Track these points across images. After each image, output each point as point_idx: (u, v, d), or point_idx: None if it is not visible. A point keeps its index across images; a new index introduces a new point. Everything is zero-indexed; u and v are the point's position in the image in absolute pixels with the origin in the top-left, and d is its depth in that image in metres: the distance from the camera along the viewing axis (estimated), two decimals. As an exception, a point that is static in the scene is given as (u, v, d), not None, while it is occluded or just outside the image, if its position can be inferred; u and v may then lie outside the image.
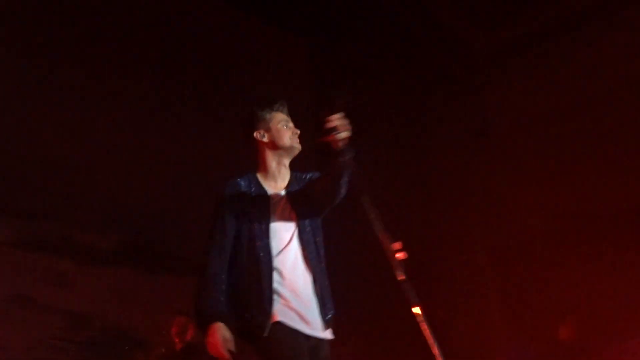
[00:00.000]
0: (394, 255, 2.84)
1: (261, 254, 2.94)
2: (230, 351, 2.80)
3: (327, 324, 2.99)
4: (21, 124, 5.92)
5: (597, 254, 6.27)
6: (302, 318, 2.90)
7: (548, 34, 6.86)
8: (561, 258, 6.45)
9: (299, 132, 3.18)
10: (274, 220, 3.02)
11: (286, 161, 3.18)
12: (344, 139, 2.83)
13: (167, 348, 5.74)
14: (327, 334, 2.99)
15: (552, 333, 6.43)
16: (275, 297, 2.88)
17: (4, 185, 5.71)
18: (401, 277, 2.72)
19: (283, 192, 3.12)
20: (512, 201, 6.84)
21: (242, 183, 3.09)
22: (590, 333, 6.18)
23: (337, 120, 2.84)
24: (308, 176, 3.22)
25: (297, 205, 3.09)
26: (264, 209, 3.04)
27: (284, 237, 3.02)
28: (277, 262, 2.95)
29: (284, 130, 3.14)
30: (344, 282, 3.56)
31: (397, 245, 2.86)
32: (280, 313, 2.86)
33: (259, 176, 3.15)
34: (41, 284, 5.78)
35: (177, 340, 5.59)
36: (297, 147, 3.16)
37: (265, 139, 3.14)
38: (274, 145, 3.13)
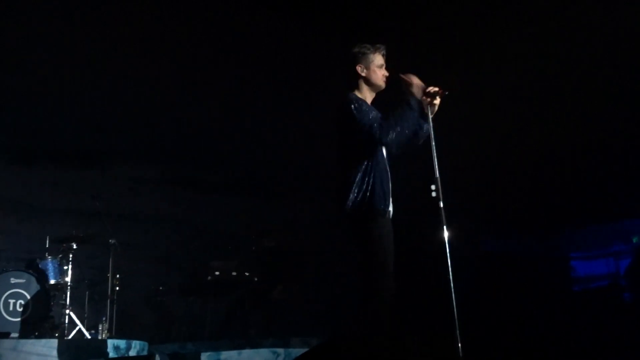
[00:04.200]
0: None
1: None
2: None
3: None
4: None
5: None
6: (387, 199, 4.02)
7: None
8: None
9: (387, 74, 4.16)
10: None
11: (374, 93, 4.19)
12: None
13: None
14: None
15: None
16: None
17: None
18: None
19: None
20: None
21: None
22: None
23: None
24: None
25: None
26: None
27: None
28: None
29: (379, 71, 4.13)
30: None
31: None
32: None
33: (360, 95, 4.13)
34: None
35: None
36: (383, 86, 4.15)
37: (364, 74, 4.14)
38: (369, 81, 4.15)
